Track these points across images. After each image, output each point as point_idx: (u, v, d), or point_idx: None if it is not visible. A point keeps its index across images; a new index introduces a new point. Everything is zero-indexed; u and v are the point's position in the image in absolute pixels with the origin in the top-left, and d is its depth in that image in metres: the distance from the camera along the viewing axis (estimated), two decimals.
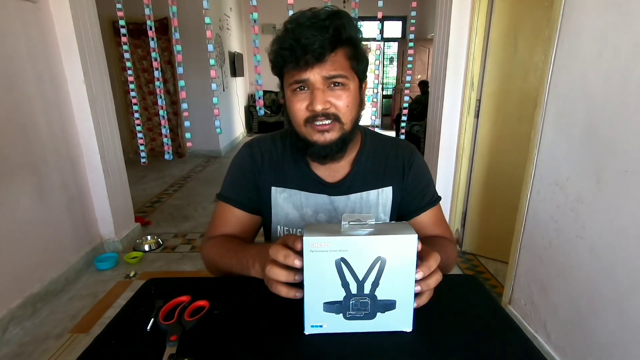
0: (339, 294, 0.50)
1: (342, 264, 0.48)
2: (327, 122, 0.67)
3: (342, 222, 0.49)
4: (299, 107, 0.67)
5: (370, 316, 0.52)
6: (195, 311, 0.58)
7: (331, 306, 0.51)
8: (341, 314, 0.51)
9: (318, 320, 0.52)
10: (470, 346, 0.52)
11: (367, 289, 0.50)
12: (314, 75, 0.64)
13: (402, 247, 0.48)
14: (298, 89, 0.67)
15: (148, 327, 0.54)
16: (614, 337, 1.14)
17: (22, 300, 1.75)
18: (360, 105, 0.72)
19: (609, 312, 1.16)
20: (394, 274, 0.49)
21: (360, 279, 0.49)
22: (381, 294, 0.50)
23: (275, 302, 0.62)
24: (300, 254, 0.49)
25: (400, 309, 0.51)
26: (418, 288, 0.50)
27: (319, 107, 0.65)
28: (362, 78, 0.71)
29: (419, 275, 0.50)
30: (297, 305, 0.52)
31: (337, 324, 0.52)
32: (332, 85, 0.66)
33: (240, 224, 0.81)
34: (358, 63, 0.68)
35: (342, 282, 0.49)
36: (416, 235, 0.48)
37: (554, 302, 1.42)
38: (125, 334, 0.55)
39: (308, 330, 0.52)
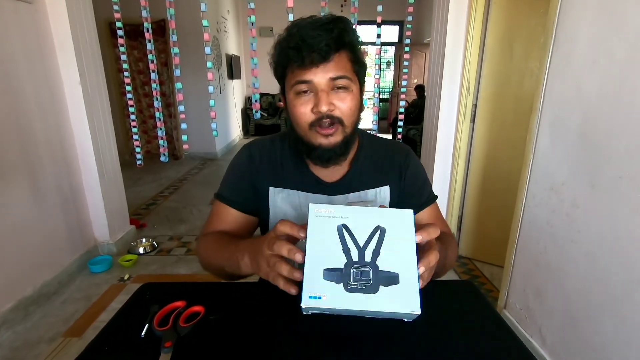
0: (340, 261, 0.50)
1: (344, 229, 0.51)
2: (331, 127, 0.68)
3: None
4: (303, 111, 0.68)
5: (373, 289, 0.49)
6: (191, 317, 0.57)
7: (332, 274, 0.49)
8: (342, 285, 0.49)
9: (317, 290, 0.49)
10: (466, 351, 0.53)
11: (368, 256, 0.50)
12: (318, 77, 0.65)
13: (399, 220, 0.52)
14: (302, 92, 0.67)
15: (142, 333, 0.54)
16: (609, 341, 1.15)
17: (14, 304, 1.72)
18: (360, 109, 0.74)
19: (604, 316, 1.17)
20: (394, 245, 0.50)
21: (361, 245, 0.50)
22: (383, 264, 0.50)
23: (271, 308, 0.62)
24: (302, 246, 0.51)
25: (404, 285, 0.49)
26: (422, 269, 0.51)
27: (324, 108, 0.65)
28: (362, 82, 0.73)
29: (418, 238, 0.51)
30: (292, 311, 0.52)
31: (337, 297, 0.49)
32: (336, 88, 0.67)
33: (236, 223, 0.82)
34: (359, 67, 0.70)
35: (343, 247, 0.50)
36: (411, 210, 0.52)
37: (549, 307, 1.43)
38: (119, 340, 0.54)
39: (306, 303, 0.48)
